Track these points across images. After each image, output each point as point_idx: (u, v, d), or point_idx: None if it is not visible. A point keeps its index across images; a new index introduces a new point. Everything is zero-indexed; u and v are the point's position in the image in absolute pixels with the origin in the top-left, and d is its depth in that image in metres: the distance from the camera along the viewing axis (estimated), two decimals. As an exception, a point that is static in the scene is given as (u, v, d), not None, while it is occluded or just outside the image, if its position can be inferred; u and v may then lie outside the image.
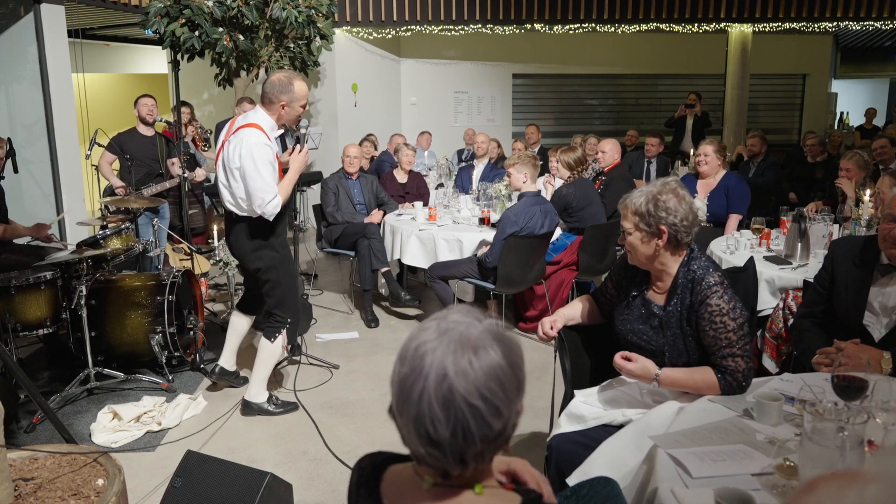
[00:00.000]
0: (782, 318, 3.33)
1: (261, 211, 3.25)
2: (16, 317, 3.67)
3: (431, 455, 1.01)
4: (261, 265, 3.45)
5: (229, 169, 3.26)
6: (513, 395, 1.01)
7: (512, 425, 1.03)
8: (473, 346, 0.99)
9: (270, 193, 3.22)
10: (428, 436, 0.99)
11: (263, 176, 3.18)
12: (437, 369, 0.98)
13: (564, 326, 2.48)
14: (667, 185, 2.12)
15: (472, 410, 0.98)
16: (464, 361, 0.98)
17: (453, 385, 0.97)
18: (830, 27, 9.98)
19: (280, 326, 3.56)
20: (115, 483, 2.18)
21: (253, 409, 3.65)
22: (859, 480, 0.70)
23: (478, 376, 0.98)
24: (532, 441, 3.30)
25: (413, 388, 0.99)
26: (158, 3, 6.60)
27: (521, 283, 4.56)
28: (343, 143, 7.23)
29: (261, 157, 3.17)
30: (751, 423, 1.84)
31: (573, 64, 10.91)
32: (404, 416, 1.01)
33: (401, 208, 5.85)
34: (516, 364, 1.03)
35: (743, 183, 4.89)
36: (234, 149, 3.22)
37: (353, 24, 8.76)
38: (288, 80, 3.28)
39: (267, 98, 3.29)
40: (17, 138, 5.57)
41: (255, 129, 3.22)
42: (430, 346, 1.00)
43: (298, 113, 3.35)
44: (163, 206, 5.59)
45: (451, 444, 0.99)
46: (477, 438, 0.99)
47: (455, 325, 1.02)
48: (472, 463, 1.02)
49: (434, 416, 0.98)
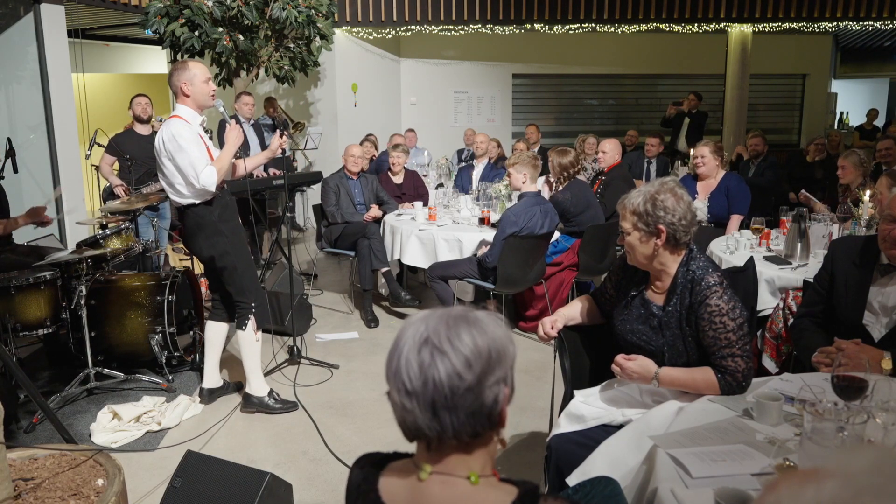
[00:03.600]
0: (782, 318, 3.33)
1: (198, 184, 3.34)
2: (16, 317, 3.67)
3: (407, 410, 1.06)
4: (213, 253, 3.51)
5: (160, 159, 3.40)
6: (487, 357, 1.06)
7: (491, 396, 1.07)
8: (456, 317, 1.09)
9: (201, 164, 3.34)
10: (404, 386, 1.06)
11: (189, 151, 3.32)
12: (418, 331, 1.08)
13: (564, 326, 2.48)
14: (665, 185, 2.12)
15: (443, 360, 1.04)
16: (443, 325, 1.08)
17: (429, 338, 1.06)
18: (830, 27, 9.98)
19: (247, 312, 3.61)
20: (114, 483, 2.18)
21: (254, 403, 3.67)
22: (818, 477, 0.71)
23: (452, 334, 1.06)
24: (532, 441, 3.30)
25: (395, 352, 1.08)
26: (158, 3, 6.60)
27: (520, 283, 4.56)
28: (343, 143, 7.23)
29: (181, 136, 3.32)
30: (751, 423, 1.84)
31: (573, 64, 10.90)
32: (388, 378, 1.09)
33: (401, 208, 5.85)
34: (498, 338, 1.08)
35: (742, 183, 4.89)
36: (159, 141, 3.39)
37: (353, 24, 8.76)
38: (182, 63, 3.47)
39: (173, 88, 3.46)
40: (17, 138, 5.57)
41: (174, 119, 3.41)
42: (415, 320, 1.10)
43: (207, 91, 3.45)
44: (163, 206, 5.60)
45: (422, 393, 1.05)
46: (446, 387, 1.04)
47: (445, 308, 1.13)
48: (447, 420, 1.05)
49: (409, 367, 1.05)
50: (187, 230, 3.55)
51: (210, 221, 3.47)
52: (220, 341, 3.80)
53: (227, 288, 3.61)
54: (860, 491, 0.67)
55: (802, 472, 0.74)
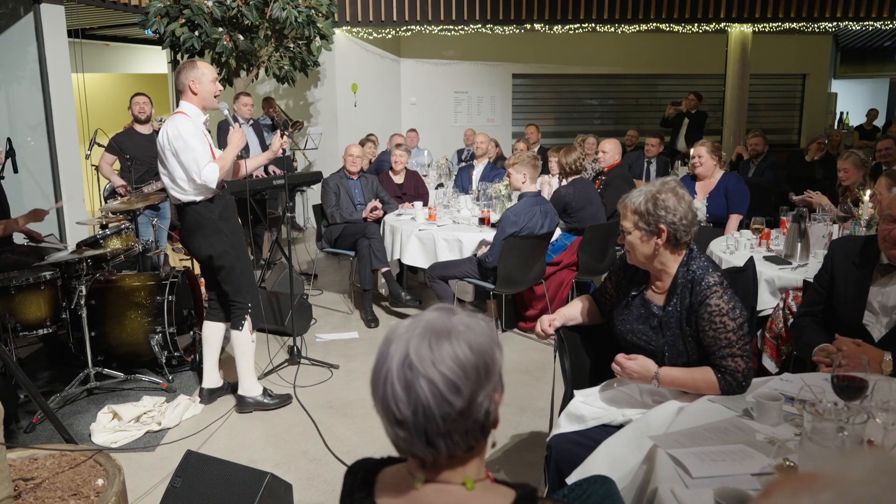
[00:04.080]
0: (782, 318, 3.33)
1: (200, 179, 3.36)
2: (16, 317, 3.67)
3: (400, 437, 1.03)
4: (212, 252, 3.51)
5: (163, 154, 3.41)
6: (475, 375, 1.02)
7: (483, 410, 1.04)
8: (437, 332, 1.03)
9: (204, 160, 3.36)
10: (393, 416, 1.02)
11: (193, 147, 3.35)
12: (400, 352, 1.02)
13: (565, 326, 2.48)
14: (666, 185, 2.12)
15: (431, 387, 1.00)
16: (425, 345, 1.02)
17: (412, 362, 1.01)
18: (830, 27, 9.98)
19: (243, 313, 3.62)
20: (114, 483, 2.18)
21: (249, 404, 3.67)
22: (814, 486, 0.70)
23: (436, 356, 1.01)
24: (532, 441, 3.30)
25: (379, 373, 1.04)
26: (158, 3, 6.60)
27: (520, 283, 4.56)
28: (343, 143, 7.23)
29: (187, 132, 3.35)
30: (751, 423, 1.84)
31: (573, 64, 10.90)
32: (375, 402, 1.05)
33: (401, 208, 5.86)
34: (483, 349, 1.04)
35: (741, 183, 4.90)
36: (163, 136, 3.40)
37: (353, 24, 8.76)
38: (190, 62, 3.50)
39: (180, 85, 3.47)
40: (17, 138, 5.57)
41: (179, 115, 3.44)
42: (399, 333, 1.05)
43: (213, 90, 3.48)
44: (163, 206, 5.60)
45: (413, 423, 1.01)
46: (437, 416, 1.00)
47: (427, 315, 1.07)
48: (442, 445, 1.02)
49: (396, 396, 1.01)
50: (186, 228, 3.56)
51: (210, 220, 3.48)
52: (218, 341, 3.80)
53: (223, 287, 3.61)
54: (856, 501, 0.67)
55: (797, 479, 0.74)
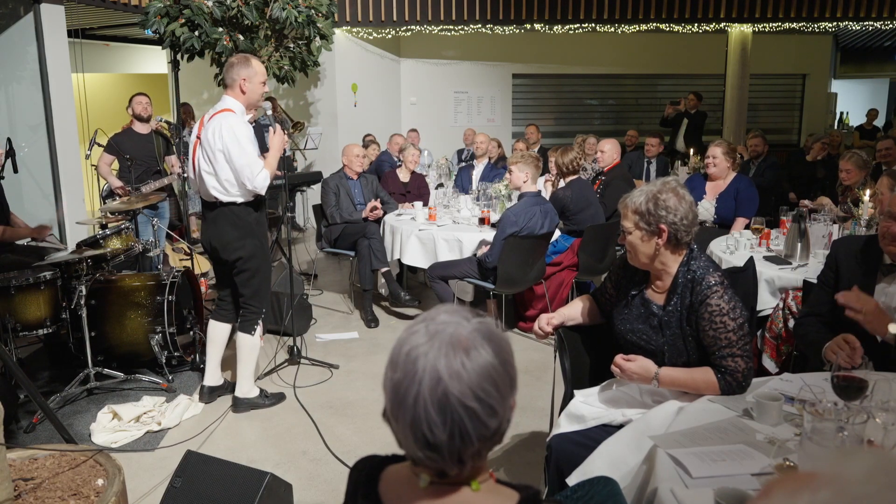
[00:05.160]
0: (782, 318, 3.33)
1: (251, 185, 3.34)
2: (16, 317, 3.67)
3: (429, 458, 1.01)
4: (243, 254, 3.50)
5: (212, 153, 3.35)
6: (506, 392, 1.02)
7: (506, 421, 1.05)
8: (465, 347, 1.00)
9: (258, 166, 3.34)
10: (425, 439, 0.99)
11: (247, 151, 3.31)
12: (430, 373, 0.98)
13: (565, 326, 2.48)
14: (667, 185, 2.12)
15: (469, 412, 0.98)
16: (456, 363, 0.98)
17: (448, 388, 0.97)
18: (830, 27, 9.98)
19: (256, 318, 3.61)
20: (114, 483, 2.18)
21: (245, 406, 3.68)
22: (813, 485, 0.70)
23: (471, 378, 0.98)
24: (532, 441, 3.30)
25: (407, 394, 0.99)
26: (158, 3, 6.59)
27: (520, 283, 4.56)
28: (343, 143, 7.22)
29: (242, 134, 3.31)
30: (750, 423, 1.84)
31: (573, 64, 10.91)
32: (400, 422, 1.01)
33: (401, 208, 5.86)
34: (507, 361, 1.03)
35: (752, 187, 4.77)
36: (213, 133, 3.32)
37: (353, 24, 8.76)
38: (244, 58, 3.42)
39: (229, 80, 3.42)
40: (17, 138, 5.57)
41: (229, 113, 3.37)
42: (422, 350, 1.00)
43: (260, 92, 3.44)
44: (162, 206, 5.59)
45: (448, 446, 0.99)
46: (474, 439, 1.00)
47: (444, 326, 1.02)
48: (470, 462, 1.03)
49: (431, 421, 0.98)
50: (218, 226, 3.48)
51: (246, 222, 3.46)
52: (223, 341, 3.80)
53: (241, 289, 3.58)
54: (855, 500, 0.67)
55: (796, 479, 0.74)
